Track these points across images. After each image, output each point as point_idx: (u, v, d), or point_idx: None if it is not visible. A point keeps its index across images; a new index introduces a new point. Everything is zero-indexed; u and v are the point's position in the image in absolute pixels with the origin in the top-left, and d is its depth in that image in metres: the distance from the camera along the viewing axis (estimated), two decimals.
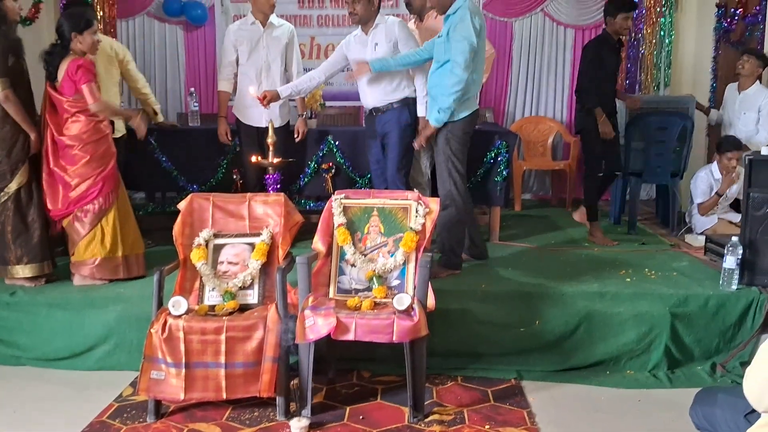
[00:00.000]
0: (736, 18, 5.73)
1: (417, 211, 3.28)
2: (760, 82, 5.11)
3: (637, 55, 6.67)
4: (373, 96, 4.30)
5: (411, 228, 3.26)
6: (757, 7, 5.35)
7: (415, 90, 4.27)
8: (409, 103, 4.25)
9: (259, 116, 4.57)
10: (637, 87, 6.69)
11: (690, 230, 5.09)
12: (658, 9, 6.54)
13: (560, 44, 6.91)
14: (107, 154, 3.97)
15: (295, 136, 4.72)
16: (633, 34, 6.61)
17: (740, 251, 3.70)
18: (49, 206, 3.94)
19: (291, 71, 4.72)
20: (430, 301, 3.16)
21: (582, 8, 6.74)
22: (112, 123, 4.22)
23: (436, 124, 3.95)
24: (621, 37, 4.89)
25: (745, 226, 3.79)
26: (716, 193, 4.85)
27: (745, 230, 3.79)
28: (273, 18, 4.68)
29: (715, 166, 4.95)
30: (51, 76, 3.86)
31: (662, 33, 6.59)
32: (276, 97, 4.30)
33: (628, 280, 3.97)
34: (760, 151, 3.83)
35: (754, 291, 3.70)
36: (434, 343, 3.35)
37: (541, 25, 6.88)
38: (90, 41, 3.87)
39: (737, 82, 5.26)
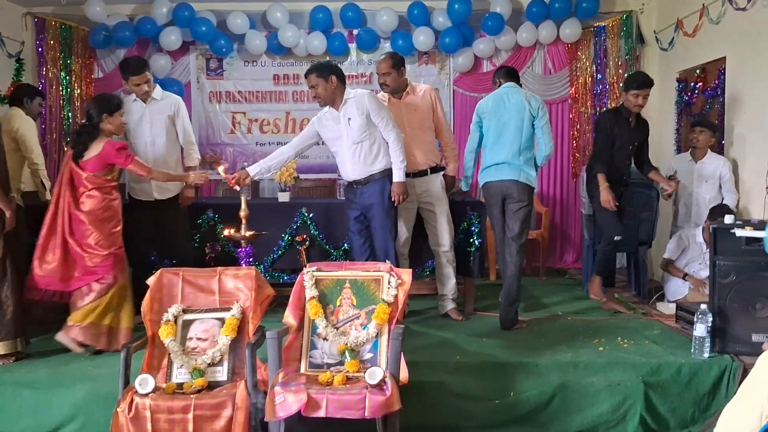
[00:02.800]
0: (696, 92, 5.95)
1: (389, 283, 3.29)
2: (711, 151, 5.28)
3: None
4: (354, 169, 4.36)
5: (383, 300, 3.26)
6: (716, 81, 5.57)
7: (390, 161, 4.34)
8: (388, 174, 4.32)
9: (149, 191, 4.71)
10: None
11: (662, 298, 5.13)
12: (621, 84, 6.76)
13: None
14: (116, 232, 4.10)
15: (180, 202, 4.80)
16: (598, 108, 6.82)
17: (710, 319, 3.74)
18: (58, 276, 4.00)
19: (181, 142, 4.85)
20: (403, 374, 3.13)
21: (548, 84, 6.96)
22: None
23: None
24: (636, 111, 4.95)
25: (713, 294, 3.85)
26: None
27: (714, 298, 3.84)
28: (156, 92, 4.77)
29: (685, 232, 5.12)
30: (78, 154, 4.05)
31: None
32: (245, 176, 4.35)
33: (601, 349, 3.97)
34: (724, 220, 3.93)
35: (726, 359, 3.72)
36: (408, 417, 3.29)
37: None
38: (119, 122, 4.20)
39: (687, 153, 5.41)
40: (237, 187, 4.41)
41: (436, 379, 3.63)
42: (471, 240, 4.83)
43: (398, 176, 4.28)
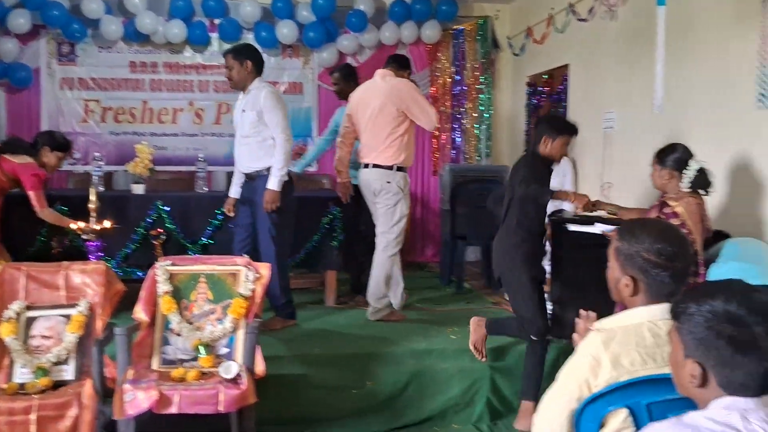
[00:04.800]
0: (543, 95, 6.37)
1: (247, 277, 3.28)
2: None
3: (461, 128, 7.17)
4: (240, 160, 4.30)
5: (240, 294, 3.24)
6: (560, 86, 5.99)
7: None
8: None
9: None
10: (462, 157, 7.17)
11: None
12: (478, 86, 7.12)
13: None
14: None
15: None
16: (457, 108, 7.13)
17: (549, 307, 4.03)
18: None
19: None
20: (260, 368, 3.14)
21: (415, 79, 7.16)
22: None
23: None
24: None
25: (552, 284, 4.15)
26: None
27: (553, 287, 4.14)
28: None
29: None
30: (5, 149, 4.18)
31: (482, 108, 7.17)
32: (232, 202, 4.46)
33: (453, 337, 4.17)
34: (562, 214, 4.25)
35: (563, 343, 4.02)
36: (266, 410, 3.30)
37: None
38: (54, 162, 4.40)
39: None
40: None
41: (295, 372, 3.67)
42: (334, 234, 4.90)
43: (271, 183, 4.09)
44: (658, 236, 1.78)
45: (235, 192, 4.45)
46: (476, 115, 7.17)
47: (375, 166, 4.53)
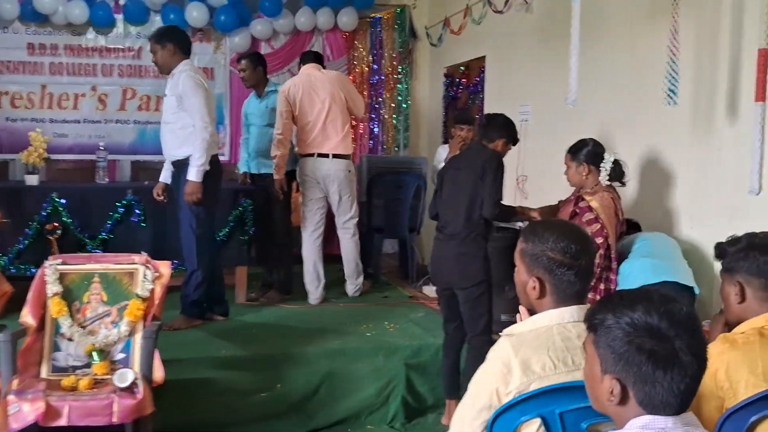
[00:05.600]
0: (461, 87, 6.34)
1: (145, 276, 3.06)
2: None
3: (379, 118, 7.07)
4: (165, 149, 4.17)
5: (137, 295, 3.02)
6: (477, 78, 5.97)
7: None
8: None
9: None
10: (379, 147, 7.07)
11: (428, 282, 5.39)
12: (396, 76, 7.02)
13: None
14: None
15: None
16: (374, 98, 7.01)
17: None
18: None
19: None
20: (158, 374, 2.94)
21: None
22: None
23: None
24: None
25: None
26: None
27: None
28: None
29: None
30: None
31: (400, 98, 7.09)
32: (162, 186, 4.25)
33: (369, 334, 4.07)
34: None
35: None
36: (167, 419, 3.10)
37: None
38: None
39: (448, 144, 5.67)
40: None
41: (199, 376, 3.47)
42: (245, 228, 4.70)
43: (190, 174, 3.87)
44: (562, 235, 1.75)
45: (163, 176, 4.26)
46: (394, 105, 7.08)
47: (335, 156, 4.73)
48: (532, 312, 1.81)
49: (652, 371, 1.21)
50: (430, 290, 5.22)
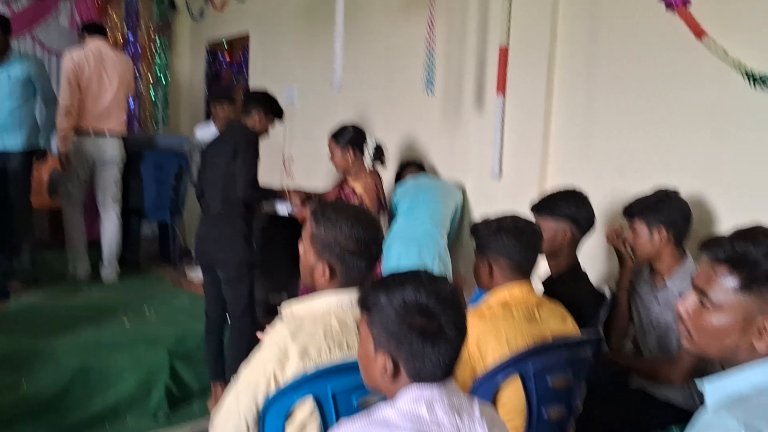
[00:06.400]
0: (224, 64, 6.17)
1: None
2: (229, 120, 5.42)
3: (136, 92, 6.62)
4: None
5: None
6: (241, 57, 5.85)
7: None
8: None
9: None
10: (136, 124, 6.64)
11: (191, 265, 5.20)
12: (154, 49, 6.63)
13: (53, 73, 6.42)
14: None
15: None
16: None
17: None
18: None
19: None
20: None
21: (75, 38, 6.40)
22: None
23: None
24: None
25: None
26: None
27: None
28: None
29: None
30: None
31: (159, 73, 6.70)
32: None
33: (128, 325, 3.83)
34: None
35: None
36: None
37: (31, 51, 6.29)
38: None
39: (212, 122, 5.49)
40: None
41: None
42: None
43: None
44: (356, 223, 1.75)
45: None
46: (152, 80, 6.68)
47: (112, 135, 4.74)
48: (313, 289, 1.82)
49: (422, 347, 1.29)
50: (193, 274, 5.05)
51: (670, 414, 2.30)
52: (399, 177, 3.88)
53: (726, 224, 2.59)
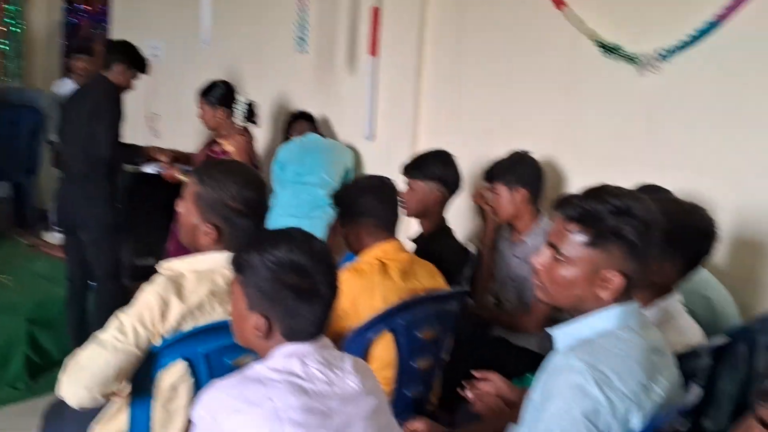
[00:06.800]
0: (84, 14, 5.77)
1: None
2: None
3: None
4: None
5: None
6: (102, 7, 5.49)
7: None
8: None
9: None
10: None
11: (48, 228, 4.90)
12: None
13: None
14: None
15: None
16: None
17: None
18: None
19: None
20: None
21: None
22: None
23: None
24: None
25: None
26: None
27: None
28: None
29: None
30: None
31: (11, 21, 6.16)
32: None
33: None
34: None
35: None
36: None
37: None
38: None
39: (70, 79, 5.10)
40: None
41: None
42: None
43: None
44: (243, 183, 1.72)
45: None
46: (3, 29, 6.13)
47: None
48: (195, 250, 1.77)
49: (296, 305, 1.31)
50: (52, 237, 4.76)
51: (527, 359, 2.48)
52: (286, 134, 3.80)
53: (576, 184, 2.79)
